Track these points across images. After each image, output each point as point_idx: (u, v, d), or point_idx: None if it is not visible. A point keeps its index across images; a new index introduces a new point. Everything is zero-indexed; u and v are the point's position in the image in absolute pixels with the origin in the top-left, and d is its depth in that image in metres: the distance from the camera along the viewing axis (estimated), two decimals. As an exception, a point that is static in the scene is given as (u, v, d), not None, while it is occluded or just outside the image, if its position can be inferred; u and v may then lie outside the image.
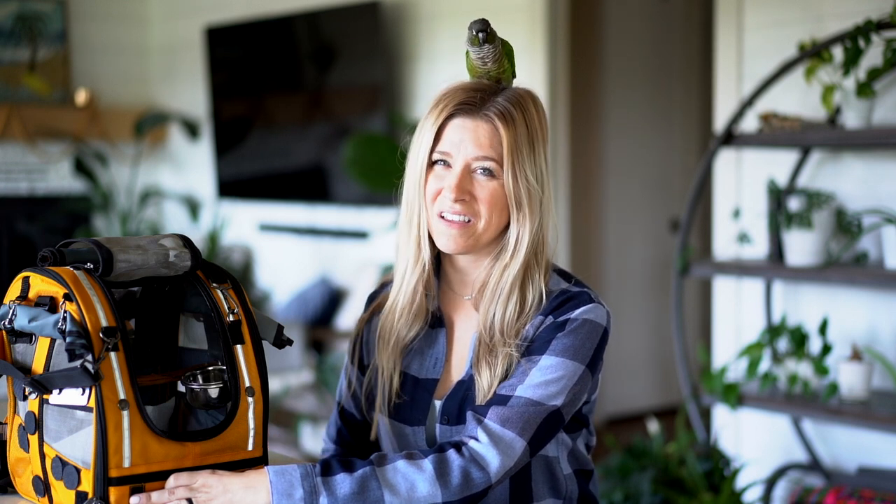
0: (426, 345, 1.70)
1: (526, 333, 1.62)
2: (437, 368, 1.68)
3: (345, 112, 4.97)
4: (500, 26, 1.84)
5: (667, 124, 5.60)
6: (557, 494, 1.67)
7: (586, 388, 1.61)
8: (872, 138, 2.92)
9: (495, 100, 1.61)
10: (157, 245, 1.51)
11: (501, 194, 1.60)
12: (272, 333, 1.59)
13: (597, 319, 1.62)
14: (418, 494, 1.45)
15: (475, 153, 1.59)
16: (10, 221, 5.81)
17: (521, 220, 1.61)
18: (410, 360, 1.71)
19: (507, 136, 1.58)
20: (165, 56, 6.09)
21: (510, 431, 1.52)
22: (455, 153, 1.60)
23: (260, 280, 5.62)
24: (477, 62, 1.65)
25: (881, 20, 2.84)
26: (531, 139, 1.61)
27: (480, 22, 1.64)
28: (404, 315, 1.69)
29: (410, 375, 1.70)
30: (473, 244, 1.62)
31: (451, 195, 1.59)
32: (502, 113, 1.60)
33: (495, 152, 1.59)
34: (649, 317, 5.57)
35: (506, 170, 1.59)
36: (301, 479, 1.44)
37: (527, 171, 1.59)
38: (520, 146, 1.59)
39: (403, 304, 1.68)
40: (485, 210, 1.60)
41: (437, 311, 1.70)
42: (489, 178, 1.60)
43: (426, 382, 1.68)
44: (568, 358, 1.57)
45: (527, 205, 1.60)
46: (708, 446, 3.27)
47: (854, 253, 3.14)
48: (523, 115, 1.61)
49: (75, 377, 1.36)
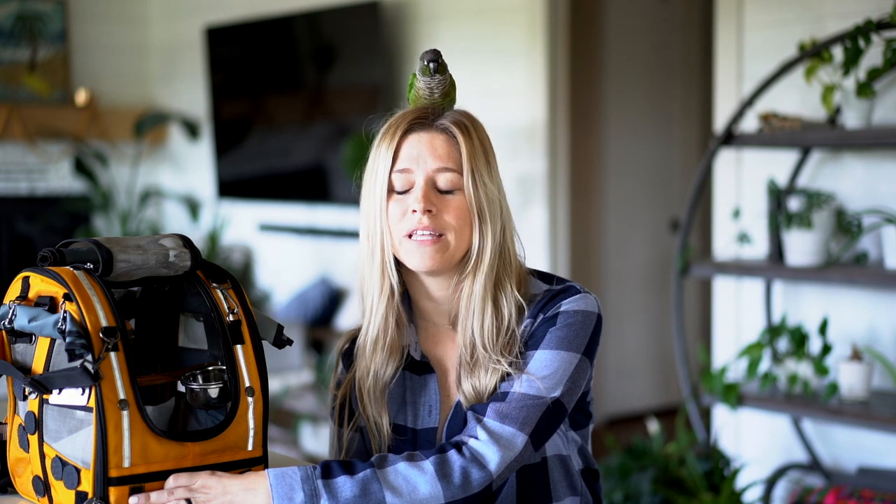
0: (418, 394, 1.66)
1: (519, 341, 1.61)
2: (433, 417, 1.66)
3: (345, 112, 4.97)
4: (500, 26, 1.84)
5: (667, 124, 5.60)
6: (575, 492, 1.67)
7: (585, 376, 1.61)
8: (872, 138, 2.92)
9: (446, 114, 1.63)
10: (157, 245, 1.51)
11: (466, 205, 1.59)
12: (272, 333, 1.59)
13: (588, 308, 1.62)
14: (420, 495, 1.45)
15: (435, 165, 1.59)
16: (10, 221, 5.81)
17: (483, 230, 1.60)
18: (405, 413, 1.67)
19: (466, 144, 1.59)
20: (165, 56, 6.09)
21: (510, 427, 1.52)
22: (415, 168, 1.59)
23: (260, 280, 5.62)
24: (424, 91, 1.65)
25: (881, 20, 2.84)
26: (485, 151, 1.61)
27: (432, 52, 1.65)
28: (378, 351, 1.63)
29: (409, 428, 1.67)
30: (448, 260, 1.59)
31: (420, 206, 1.56)
32: (457, 123, 1.61)
33: (454, 162, 1.59)
34: (649, 317, 5.57)
35: (466, 178, 1.58)
36: (302, 482, 1.43)
37: (486, 180, 1.59)
38: (477, 155, 1.60)
39: (374, 337, 1.63)
40: (453, 221, 1.58)
41: (422, 357, 1.66)
42: (451, 189, 1.59)
43: (426, 433, 1.65)
44: (563, 349, 1.57)
45: (488, 213, 1.60)
46: (708, 446, 3.27)
47: (854, 253, 3.14)
48: (475, 127, 1.63)
49: (75, 377, 1.36)
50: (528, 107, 4.22)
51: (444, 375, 1.66)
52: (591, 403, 1.72)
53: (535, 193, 4.24)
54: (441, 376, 1.67)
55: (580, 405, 1.68)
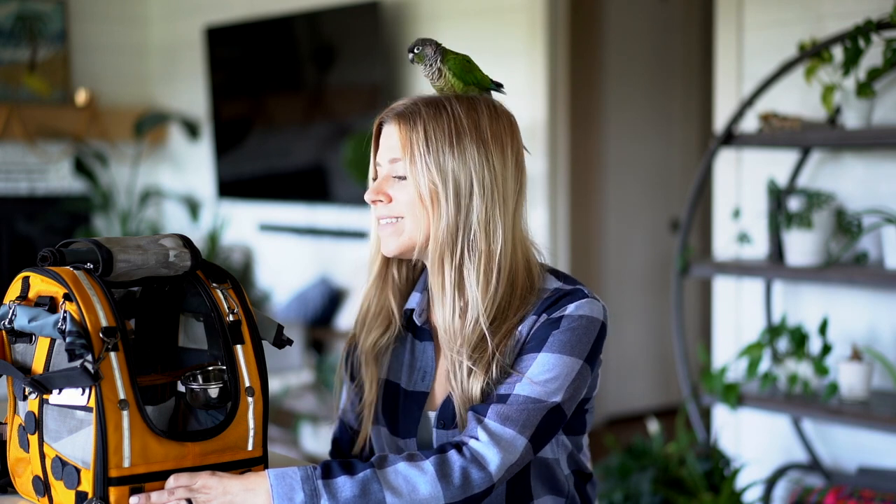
0: (416, 358, 1.71)
1: (519, 334, 1.61)
2: (425, 382, 1.68)
3: (345, 112, 4.97)
4: (500, 26, 1.85)
5: (667, 124, 5.60)
6: (558, 493, 1.67)
7: (586, 383, 1.61)
8: (872, 138, 2.92)
9: (402, 104, 1.65)
10: (157, 245, 1.51)
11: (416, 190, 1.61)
12: (272, 333, 1.59)
13: (593, 314, 1.61)
14: (420, 495, 1.45)
15: (387, 156, 1.64)
16: (10, 221, 5.81)
17: (436, 213, 1.60)
18: (398, 371, 1.71)
19: (402, 131, 1.61)
20: (165, 56, 6.09)
21: (510, 429, 1.52)
22: (380, 159, 1.66)
23: (260, 280, 5.62)
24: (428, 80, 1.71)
25: (881, 20, 2.84)
26: (450, 135, 1.60)
27: (413, 43, 1.70)
28: (370, 314, 1.73)
29: (401, 388, 1.70)
30: (408, 243, 1.63)
31: (367, 196, 1.65)
32: (401, 113, 1.63)
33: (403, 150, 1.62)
34: (649, 317, 5.57)
35: (406, 164, 1.61)
36: (302, 482, 1.43)
37: (430, 167, 1.59)
38: (417, 140, 1.60)
39: (369, 303, 1.73)
40: (404, 209, 1.62)
41: (426, 325, 1.70)
42: (404, 176, 1.62)
43: (416, 395, 1.68)
44: (566, 354, 1.57)
45: (441, 196, 1.59)
46: (708, 446, 3.27)
47: (854, 253, 3.14)
48: (437, 111, 1.61)
49: (75, 377, 1.36)
50: (528, 107, 4.22)
51: (439, 345, 1.70)
52: (590, 412, 1.71)
53: (535, 193, 4.24)
54: (437, 346, 1.70)
55: (576, 411, 1.68)
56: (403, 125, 1.61)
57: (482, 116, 1.63)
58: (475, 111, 1.63)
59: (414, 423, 1.67)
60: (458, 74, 1.69)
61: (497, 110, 1.66)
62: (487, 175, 1.61)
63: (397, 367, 1.72)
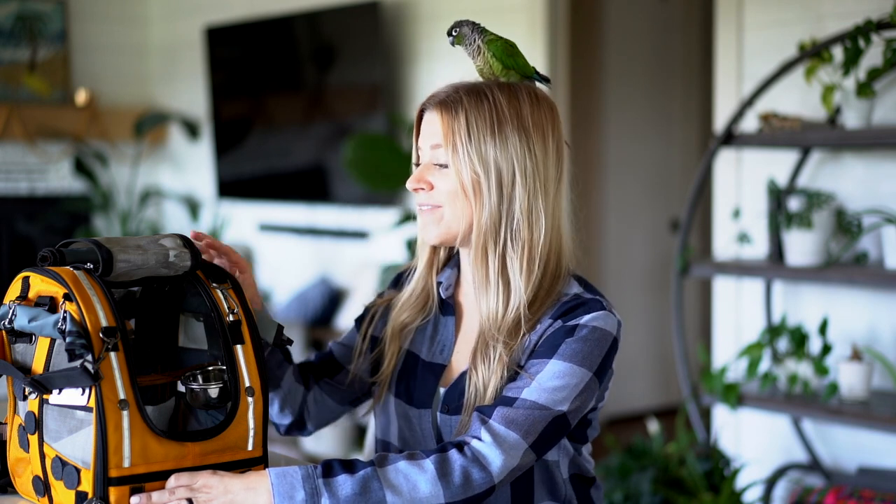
0: (436, 331, 1.73)
1: (530, 338, 1.61)
2: (444, 355, 1.70)
3: (345, 112, 4.97)
4: (500, 26, 1.85)
5: (667, 124, 5.60)
6: (556, 498, 1.67)
7: (593, 395, 1.61)
8: (872, 138, 2.92)
9: (445, 91, 1.65)
10: (157, 245, 1.51)
11: (458, 178, 1.62)
12: (272, 333, 1.59)
13: (606, 327, 1.61)
14: (420, 494, 1.45)
15: (429, 141, 1.64)
16: (10, 221, 5.81)
17: (477, 203, 1.61)
18: (420, 343, 1.73)
19: (445, 119, 1.61)
20: (165, 56, 6.09)
21: (514, 433, 1.51)
22: (422, 145, 1.67)
23: (260, 280, 5.62)
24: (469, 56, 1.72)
25: (881, 20, 2.84)
26: (492, 124, 1.60)
27: (451, 26, 1.73)
28: (412, 298, 1.75)
29: (420, 358, 1.72)
30: (446, 232, 1.64)
31: (409, 184, 1.66)
32: (443, 101, 1.63)
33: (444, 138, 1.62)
34: (649, 317, 5.57)
35: (448, 153, 1.61)
36: (302, 481, 1.43)
37: (472, 156, 1.59)
38: (458, 129, 1.60)
39: (412, 288, 1.75)
40: (444, 197, 1.62)
41: (450, 300, 1.73)
42: (445, 164, 1.62)
43: (433, 367, 1.70)
44: (577, 364, 1.57)
45: (483, 186, 1.60)
46: (708, 446, 3.27)
47: (854, 253, 3.14)
48: (479, 100, 1.62)
49: (75, 377, 1.36)
50: (528, 107, 4.22)
51: (460, 321, 1.72)
52: (594, 423, 1.71)
53: (535, 193, 4.24)
54: (459, 320, 1.72)
55: (579, 423, 1.67)
56: (445, 113, 1.62)
57: (523, 104, 1.64)
58: (516, 99, 1.64)
59: (429, 395, 1.69)
60: (499, 56, 1.70)
61: (538, 98, 1.67)
62: (529, 163, 1.61)
63: (420, 339, 1.74)
